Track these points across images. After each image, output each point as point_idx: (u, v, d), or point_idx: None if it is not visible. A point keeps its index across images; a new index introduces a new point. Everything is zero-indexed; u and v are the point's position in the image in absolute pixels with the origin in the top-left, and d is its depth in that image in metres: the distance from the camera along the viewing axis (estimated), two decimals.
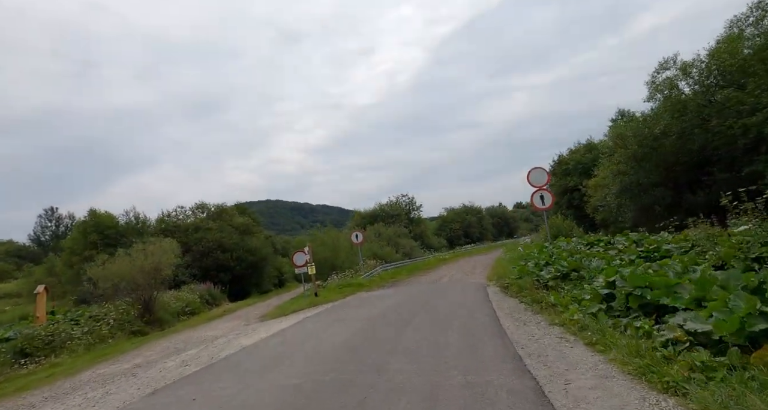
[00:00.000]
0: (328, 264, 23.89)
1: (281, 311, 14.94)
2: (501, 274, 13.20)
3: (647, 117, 18.70)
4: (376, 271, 22.84)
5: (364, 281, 18.95)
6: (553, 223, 18.61)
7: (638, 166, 19.45)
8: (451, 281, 16.30)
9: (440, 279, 18.44)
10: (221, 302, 28.08)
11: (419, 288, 14.98)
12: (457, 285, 14.16)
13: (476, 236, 58.67)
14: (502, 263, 18.06)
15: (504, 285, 10.34)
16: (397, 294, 13.78)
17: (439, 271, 23.48)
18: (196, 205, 35.60)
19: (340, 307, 12.07)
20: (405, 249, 33.09)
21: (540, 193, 14.32)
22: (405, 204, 45.52)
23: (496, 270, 15.76)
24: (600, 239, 12.18)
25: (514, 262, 14.06)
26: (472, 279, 15.94)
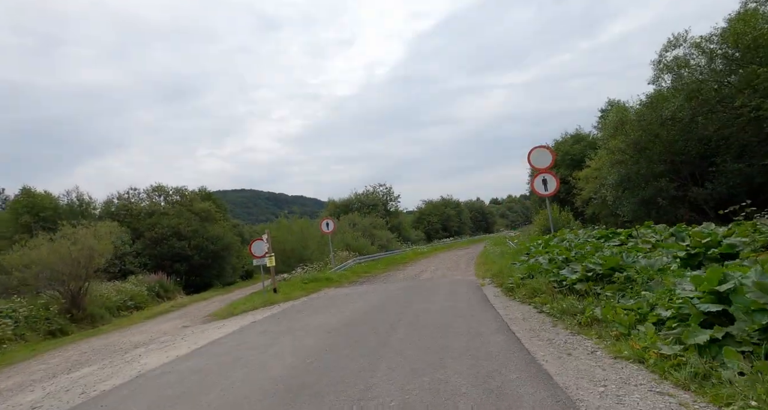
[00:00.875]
0: (296, 255, 21.37)
1: (231, 310, 12.41)
2: (497, 272, 11.05)
3: (653, 99, 16.92)
4: (348, 264, 20.45)
5: (334, 275, 16.54)
6: (545, 215, 16.63)
7: (640, 154, 17.71)
8: (434, 277, 14.09)
9: (420, 274, 16.22)
10: (175, 295, 25.16)
11: (398, 285, 12.69)
12: (443, 282, 11.95)
13: (455, 230, 57.01)
14: (491, 258, 15.99)
15: (508, 287, 8.12)
16: (370, 293, 11.45)
17: (418, 265, 21.29)
18: (152, 188, 32.20)
19: (298, 310, 9.64)
20: (381, 241, 30.82)
21: (543, 176, 12.18)
22: (382, 194, 43.19)
23: (487, 267, 13.65)
24: (614, 232, 10.15)
25: (510, 257, 11.94)
26: (458, 275, 13.78)
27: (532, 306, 6.45)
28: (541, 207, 33.64)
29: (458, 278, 12.72)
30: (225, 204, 43.61)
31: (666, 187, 16.46)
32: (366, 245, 26.91)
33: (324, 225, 19.91)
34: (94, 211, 28.30)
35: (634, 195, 17.93)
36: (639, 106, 18.02)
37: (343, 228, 29.73)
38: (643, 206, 17.60)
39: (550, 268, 7.20)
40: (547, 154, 12.30)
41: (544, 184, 12.13)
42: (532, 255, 9.76)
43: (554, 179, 12.07)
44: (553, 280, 6.76)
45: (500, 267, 11.30)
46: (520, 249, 12.17)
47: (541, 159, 12.28)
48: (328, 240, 20.26)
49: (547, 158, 12.24)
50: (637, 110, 17.46)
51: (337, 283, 15.40)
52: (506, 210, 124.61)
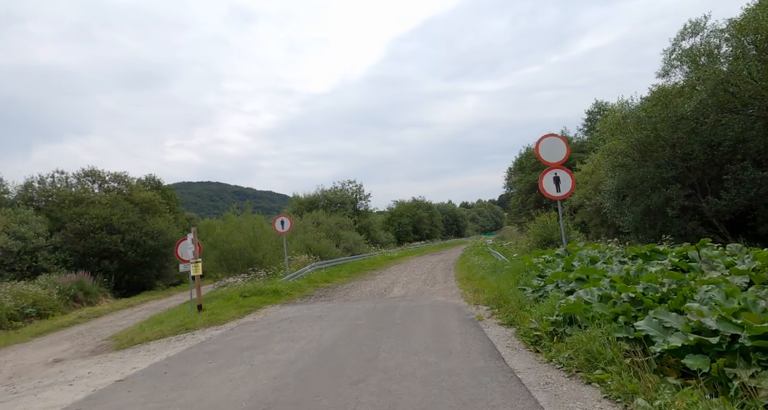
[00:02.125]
0: (245, 257, 17.98)
1: (133, 335, 9.08)
2: (494, 296, 8.25)
3: (664, 94, 14.70)
4: (305, 271, 17.28)
5: (284, 286, 13.35)
6: (544, 223, 14.07)
7: (645, 157, 15.47)
8: (408, 295, 11.20)
9: (391, 288, 13.30)
10: (99, 299, 21.21)
11: (361, 307, 9.69)
12: (421, 307, 9.05)
13: (426, 233, 54.58)
14: (476, 270, 13.26)
15: (530, 336, 5.22)
16: (323, 319, 8.39)
17: (388, 274, 18.38)
18: (85, 172, 27.81)
19: (206, 354, 6.46)
20: (347, 244, 27.75)
21: (554, 172, 9.54)
22: (351, 192, 40.05)
23: (475, 284, 10.87)
24: (655, 250, 7.56)
25: (510, 276, 9.19)
26: (438, 293, 10.95)
27: (595, 389, 3.61)
28: (522, 212, 31.51)
29: (440, 300, 9.85)
30: (177, 195, 39.31)
31: (676, 196, 14.28)
32: (329, 247, 23.78)
33: (278, 224, 16.66)
34: (6, 196, 23.80)
35: (636, 203, 15.69)
36: (644, 102, 15.79)
37: (305, 227, 26.46)
38: (647, 216, 15.38)
39: (608, 313, 4.39)
40: (560, 144, 9.64)
41: (555, 183, 9.46)
42: (549, 279, 7.00)
43: (569, 176, 9.42)
44: (623, 337, 3.95)
45: (497, 289, 8.52)
46: (519, 267, 9.43)
47: (552, 150, 9.61)
48: (284, 242, 17.03)
49: (560, 149, 9.58)
50: (645, 106, 15.24)
51: (285, 298, 12.24)
52: (476, 214, 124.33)
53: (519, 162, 34.03)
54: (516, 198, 32.93)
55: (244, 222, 18.85)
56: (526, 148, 32.81)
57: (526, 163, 31.50)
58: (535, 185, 30.17)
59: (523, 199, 30.73)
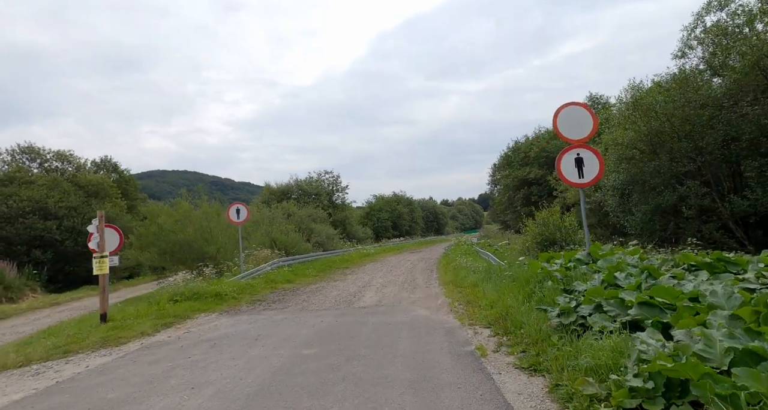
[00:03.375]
0: (194, 251, 15.35)
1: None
2: (494, 312, 6.06)
3: (684, 77, 12.81)
4: (263, 269, 14.79)
5: (232, 287, 10.87)
6: (545, 220, 12.00)
7: (659, 149, 13.57)
8: (382, 304, 8.91)
9: (363, 292, 11.00)
10: (24, 294, 18.27)
11: (321, 322, 7.34)
12: (398, 324, 6.77)
13: (405, 229, 52.47)
14: (466, 275, 11.09)
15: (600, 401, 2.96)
16: (261, 343, 5.99)
17: (361, 274, 16.07)
18: (21, 148, 24.44)
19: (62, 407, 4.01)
20: (319, 238, 25.29)
21: (576, 152, 7.39)
22: (328, 183, 37.48)
23: (467, 293, 8.66)
24: (724, 259, 5.49)
25: (517, 288, 7.00)
26: (420, 304, 8.70)
27: None
28: (509, 210, 29.63)
29: (422, 314, 7.59)
30: (135, 180, 35.97)
31: (694, 193, 12.44)
32: (298, 242, 21.29)
33: (233, 213, 14.11)
34: None
35: (645, 201, 13.81)
36: (658, 86, 13.89)
37: (273, 219, 23.85)
38: (658, 217, 13.52)
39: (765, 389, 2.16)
40: (585, 115, 7.47)
41: (578, 166, 7.31)
42: (586, 298, 4.80)
43: (595, 158, 7.26)
44: None
45: (502, 305, 6.33)
46: (526, 274, 7.23)
47: (574, 123, 7.44)
48: (238, 234, 14.47)
49: (584, 122, 7.41)
50: (660, 90, 13.34)
51: (229, 304, 9.78)
52: (457, 212, 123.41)
53: (506, 157, 32.15)
54: (502, 194, 31.07)
55: (196, 211, 16.20)
56: (514, 142, 30.96)
57: (515, 157, 29.62)
58: (525, 181, 28.36)
59: (510, 196, 28.86)
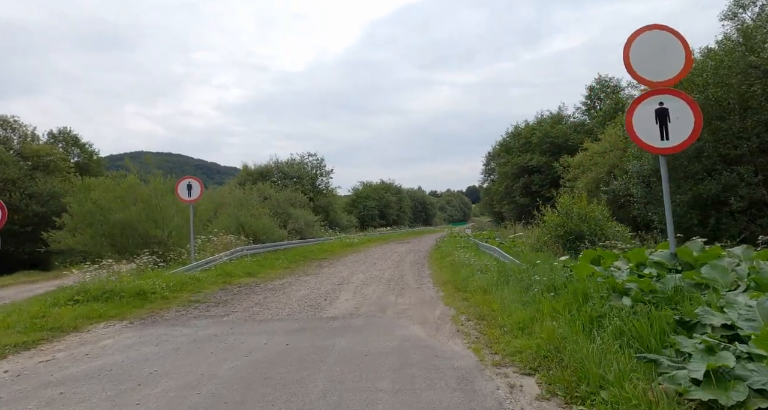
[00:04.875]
0: (138, 234, 12.67)
1: None
2: (540, 346, 3.64)
3: (756, 29, 10.44)
4: (219, 258, 12.21)
5: (165, 283, 8.29)
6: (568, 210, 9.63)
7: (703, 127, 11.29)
8: (358, 315, 6.48)
9: (336, 293, 8.56)
10: None
11: (261, 350, 4.85)
12: (378, 363, 4.33)
13: (393, 218, 50.14)
14: (475, 280, 8.69)
15: None
16: (140, 394, 3.50)
17: (340, 267, 13.62)
18: None
19: None
20: (297, 224, 22.69)
21: (657, 99, 4.88)
22: (311, 166, 34.73)
23: (474, 299, 6.23)
24: None
25: (568, 304, 4.57)
26: (411, 314, 6.30)
27: None
28: (506, 199, 27.33)
29: (416, 335, 5.16)
30: (99, 157, 32.69)
31: (746, 181, 10.24)
32: (271, 228, 18.68)
33: (182, 189, 11.45)
34: None
35: (681, 190, 11.57)
36: (706, 50, 11.56)
37: (247, 201, 21.14)
38: (698, 210, 11.31)
39: None
40: (674, 45, 4.95)
41: (660, 121, 4.86)
42: (755, 352, 2.36)
43: (689, 108, 4.80)
44: None
45: (553, 337, 3.93)
46: (579, 287, 4.80)
47: (656, 56, 4.95)
48: (190, 215, 11.82)
49: (672, 56, 4.90)
50: (712, 55, 11.02)
51: (154, 306, 7.23)
52: (445, 203, 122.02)
53: (504, 143, 29.78)
54: (499, 184, 28.77)
55: (142, 187, 13.45)
56: (514, 127, 28.56)
57: (514, 143, 27.25)
58: (525, 169, 26.06)
59: (508, 185, 26.56)
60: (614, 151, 16.20)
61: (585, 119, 25.12)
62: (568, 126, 24.53)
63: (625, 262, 5.07)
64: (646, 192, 12.76)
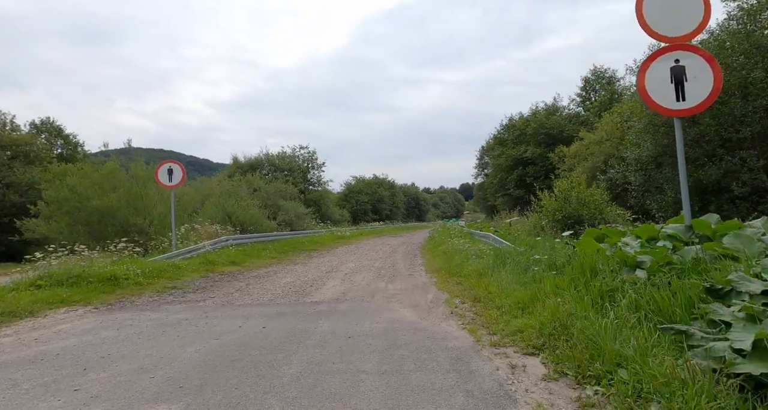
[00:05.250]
0: (117, 222, 12.09)
1: None
2: (543, 323, 3.21)
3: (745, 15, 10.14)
4: (203, 247, 11.68)
5: (142, 269, 7.77)
6: (565, 193, 9.25)
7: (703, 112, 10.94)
8: (345, 300, 6.03)
9: (323, 281, 8.11)
10: None
11: (241, 338, 4.37)
12: (362, 341, 3.88)
13: (386, 213, 49.67)
14: (470, 264, 8.31)
15: None
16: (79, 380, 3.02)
17: (330, 257, 13.17)
18: None
19: None
20: (287, 216, 22.15)
21: (674, 57, 4.45)
22: (303, 159, 34.11)
23: (469, 283, 5.80)
24: None
25: (574, 281, 4.14)
26: (401, 298, 5.86)
27: None
28: (500, 192, 26.98)
29: (406, 318, 4.72)
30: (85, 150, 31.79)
31: (749, 165, 9.92)
32: (259, 218, 18.13)
33: (162, 174, 10.89)
34: None
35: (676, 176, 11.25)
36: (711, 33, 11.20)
37: (235, 192, 20.56)
38: (698, 196, 10.98)
39: None
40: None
41: (676, 80, 4.44)
42: None
43: (708, 66, 4.38)
44: None
45: (557, 313, 3.49)
46: (585, 262, 4.38)
47: (670, 10, 4.55)
48: (171, 202, 11.25)
49: (688, 6, 4.50)
50: (716, 37, 10.67)
51: (123, 293, 6.71)
52: (438, 200, 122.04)
53: (498, 136, 29.42)
54: (493, 176, 28.40)
55: (122, 173, 12.86)
56: (508, 119, 28.17)
57: (509, 135, 26.88)
58: (520, 161, 25.71)
59: (502, 178, 26.19)
60: (610, 140, 15.87)
61: (580, 111, 24.82)
62: (563, 117, 24.19)
63: (633, 238, 4.67)
64: (644, 179, 12.42)
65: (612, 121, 16.20)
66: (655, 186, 12.09)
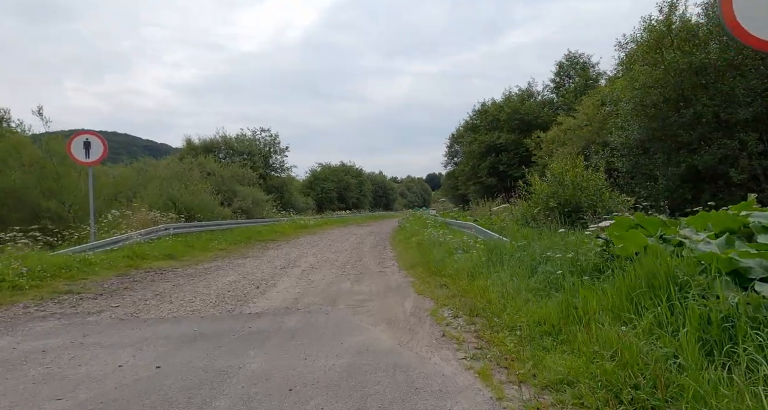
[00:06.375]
0: (25, 207, 9.94)
1: None
2: (599, 369, 1.80)
3: None
4: (132, 238, 9.75)
5: (22, 268, 5.92)
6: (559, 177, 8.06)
7: (698, 91, 10.03)
8: (299, 308, 4.54)
9: (276, 279, 6.57)
10: None
11: (103, 394, 2.73)
12: (327, 386, 2.39)
13: (353, 201, 48.04)
14: (456, 261, 6.98)
15: None
16: None
17: (289, 248, 11.55)
18: None
19: None
20: (244, 203, 20.16)
21: None
22: (264, 143, 31.78)
23: (458, 286, 4.42)
24: None
25: (630, 296, 2.71)
26: (372, 304, 4.44)
27: None
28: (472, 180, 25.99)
29: (381, 344, 3.27)
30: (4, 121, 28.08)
31: (749, 150, 9.10)
32: (210, 205, 16.15)
33: (78, 148, 8.87)
34: None
35: (673, 162, 10.36)
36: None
37: (185, 175, 18.33)
38: (690, 183, 10.14)
39: None
40: None
41: None
42: None
43: None
44: None
45: (621, 354, 2.12)
46: (650, 267, 3.07)
47: None
48: (89, 181, 9.24)
49: None
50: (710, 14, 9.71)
51: None
52: (406, 189, 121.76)
53: (470, 122, 28.33)
54: (464, 164, 27.34)
55: (31, 146, 10.62)
56: (481, 104, 27.07)
57: (482, 121, 25.82)
58: (493, 147, 24.70)
59: (474, 165, 25.15)
60: (591, 125, 14.97)
61: (553, 97, 24.05)
62: (537, 103, 23.34)
63: (692, 230, 3.41)
64: (632, 164, 11.51)
65: (593, 104, 15.29)
66: (643, 173, 11.21)
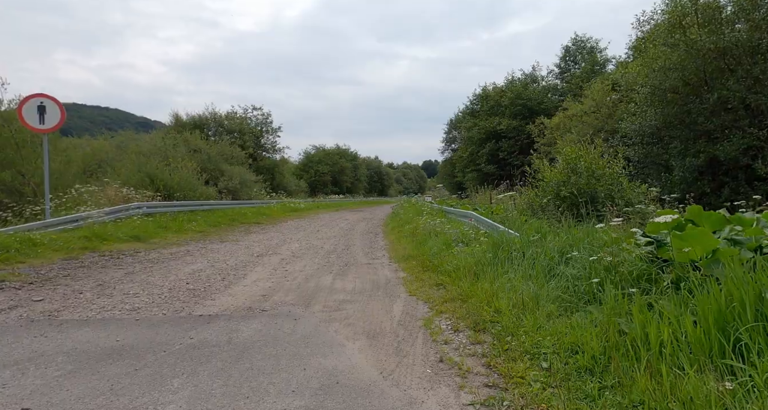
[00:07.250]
0: None
1: None
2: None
3: None
4: (97, 216, 8.80)
5: None
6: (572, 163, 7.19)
7: (717, 76, 9.15)
8: (265, 308, 3.72)
9: (248, 268, 5.74)
10: None
11: None
12: None
13: (347, 186, 47.05)
14: (456, 257, 6.12)
15: None
16: None
17: (273, 233, 10.68)
18: None
19: None
20: (231, 183, 19.17)
21: None
22: (256, 122, 30.53)
23: (459, 288, 3.59)
24: None
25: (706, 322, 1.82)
26: (354, 306, 3.62)
27: None
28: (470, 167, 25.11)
29: (362, 382, 2.44)
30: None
31: None
32: (192, 183, 15.12)
33: (30, 113, 7.84)
34: None
35: (692, 152, 9.53)
36: None
37: (162, 150, 17.22)
38: (709, 176, 9.34)
39: None
40: None
41: None
42: None
43: None
44: None
45: None
46: (739, 281, 2.22)
47: None
48: (44, 152, 8.23)
49: None
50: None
51: None
52: (401, 175, 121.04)
53: (470, 107, 27.28)
54: (463, 150, 26.39)
55: None
56: (482, 88, 25.96)
57: (482, 106, 24.77)
58: (493, 134, 23.74)
59: (473, 151, 24.22)
60: (599, 111, 14.07)
61: (557, 83, 23.01)
62: (541, 88, 22.34)
63: None
64: (644, 154, 10.68)
65: (602, 88, 14.37)
66: (656, 163, 10.39)
